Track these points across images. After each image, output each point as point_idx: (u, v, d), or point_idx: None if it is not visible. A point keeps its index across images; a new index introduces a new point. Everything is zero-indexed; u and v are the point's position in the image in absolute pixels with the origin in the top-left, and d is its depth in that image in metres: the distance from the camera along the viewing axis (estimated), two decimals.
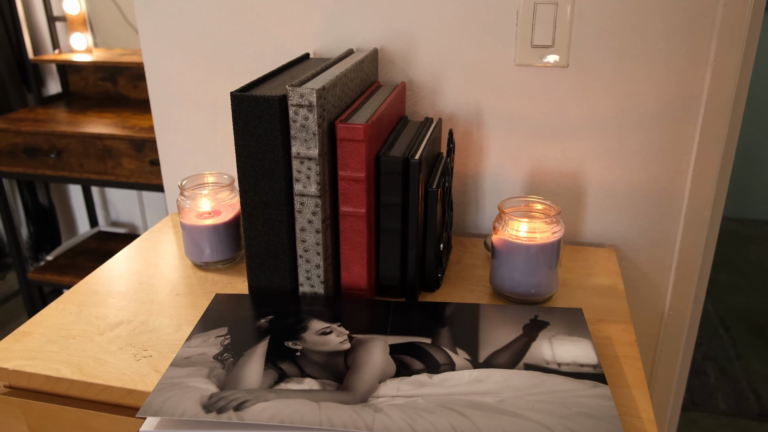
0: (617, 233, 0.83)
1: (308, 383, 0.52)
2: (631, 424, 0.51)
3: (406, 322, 0.62)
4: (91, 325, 0.66)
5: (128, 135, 1.51)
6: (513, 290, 0.67)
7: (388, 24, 0.79)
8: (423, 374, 0.53)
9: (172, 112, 0.90)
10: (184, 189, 0.75)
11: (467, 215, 0.86)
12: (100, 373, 0.58)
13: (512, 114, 0.79)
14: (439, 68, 0.79)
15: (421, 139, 0.69)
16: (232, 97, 0.59)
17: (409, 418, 0.48)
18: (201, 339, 0.59)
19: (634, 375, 0.57)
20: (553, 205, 0.68)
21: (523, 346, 0.57)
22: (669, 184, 0.79)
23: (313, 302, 0.65)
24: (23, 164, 1.63)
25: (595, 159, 0.80)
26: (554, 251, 0.66)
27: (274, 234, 0.64)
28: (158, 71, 0.88)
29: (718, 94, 0.74)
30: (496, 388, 0.51)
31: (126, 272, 0.76)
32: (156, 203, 2.00)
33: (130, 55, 1.75)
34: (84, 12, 1.77)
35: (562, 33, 0.74)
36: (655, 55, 0.73)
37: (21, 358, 0.60)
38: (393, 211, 0.65)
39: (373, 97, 0.71)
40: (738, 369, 1.74)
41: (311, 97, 0.57)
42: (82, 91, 1.90)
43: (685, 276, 0.84)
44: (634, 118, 0.77)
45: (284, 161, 0.61)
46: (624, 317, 0.66)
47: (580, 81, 0.76)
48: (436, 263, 0.69)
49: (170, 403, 0.50)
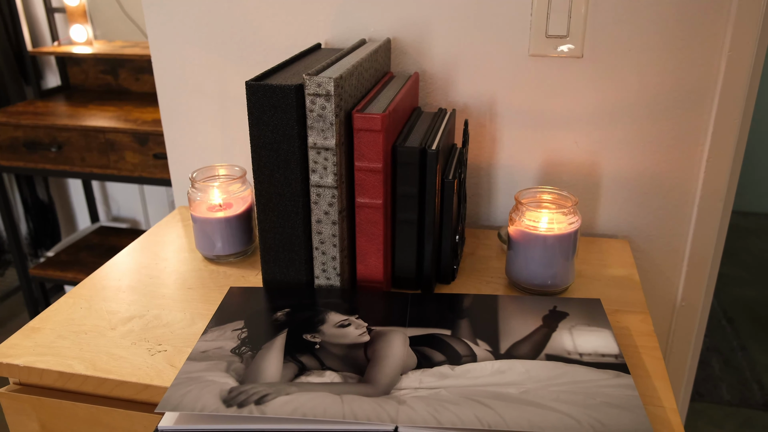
0: (631, 224, 0.82)
1: (329, 376, 0.51)
2: (654, 414, 0.51)
3: (425, 313, 0.61)
4: (102, 319, 0.65)
5: (131, 128, 1.49)
6: (530, 281, 0.67)
7: (400, 14, 0.77)
8: (445, 366, 0.53)
9: (180, 104, 0.89)
10: (195, 181, 0.74)
11: (480, 207, 0.86)
12: (114, 368, 0.57)
13: (526, 105, 0.79)
14: (452, 58, 0.78)
15: (437, 129, 0.68)
16: (247, 87, 0.58)
17: (434, 410, 0.47)
18: (217, 333, 0.59)
19: (655, 365, 0.57)
20: (570, 196, 0.67)
21: (544, 337, 0.57)
22: (682, 174, 0.79)
23: (329, 295, 0.64)
24: (24, 158, 1.61)
25: (608, 150, 0.79)
26: (571, 242, 0.66)
27: (289, 226, 0.63)
28: (165, 61, 0.87)
29: (732, 85, 0.73)
30: (519, 379, 0.51)
31: (135, 266, 0.76)
32: (158, 197, 1.98)
33: (131, 48, 1.73)
34: (84, 3, 1.75)
35: (577, 23, 0.73)
36: (670, 45, 0.73)
37: (32, 354, 0.59)
38: (409, 202, 0.64)
39: (387, 87, 0.70)
40: (742, 360, 1.75)
41: (329, 86, 0.56)
42: (82, 84, 1.88)
43: (698, 267, 0.83)
44: (648, 108, 0.76)
45: (300, 152, 0.60)
46: (641, 308, 0.66)
47: (595, 71, 0.75)
48: (452, 255, 0.68)
49: (189, 398, 0.49)
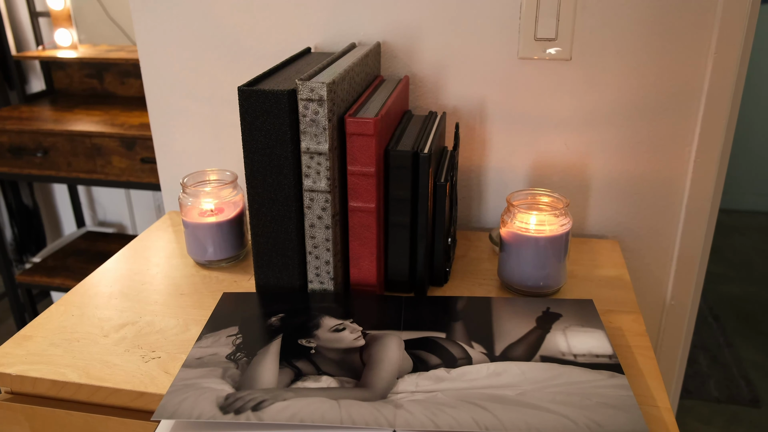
0: (620, 225, 0.83)
1: (325, 381, 0.51)
2: (648, 413, 0.52)
3: (419, 317, 0.61)
4: (95, 327, 0.64)
5: (118, 133, 1.48)
6: (522, 283, 0.67)
7: (390, 18, 0.78)
8: (440, 369, 0.53)
9: (169, 108, 0.89)
10: (186, 186, 0.73)
11: (471, 209, 0.86)
12: (107, 376, 0.57)
13: (515, 107, 0.79)
14: (442, 62, 0.79)
15: (428, 133, 0.68)
16: (239, 92, 0.58)
17: (431, 413, 0.47)
18: (212, 339, 0.58)
19: (648, 365, 0.58)
20: (561, 198, 0.68)
21: (538, 338, 0.57)
22: (671, 175, 0.80)
23: (323, 299, 0.64)
24: (8, 164, 1.59)
25: (598, 151, 0.80)
26: (563, 243, 0.66)
27: (282, 231, 0.63)
28: (154, 66, 0.87)
29: (719, 86, 0.74)
30: (515, 381, 0.51)
31: (127, 272, 0.75)
32: (145, 202, 1.96)
33: (117, 52, 1.72)
34: (68, 7, 1.73)
35: (566, 26, 0.74)
36: (657, 48, 0.74)
37: (24, 362, 0.59)
38: (402, 205, 0.64)
39: (378, 91, 0.71)
40: (728, 356, 1.77)
41: (321, 92, 0.56)
42: (67, 89, 1.86)
43: (686, 266, 0.85)
44: (637, 110, 0.77)
45: (293, 156, 0.60)
46: (633, 308, 0.67)
47: (584, 74, 0.76)
48: (444, 257, 0.68)
49: (186, 405, 0.49)
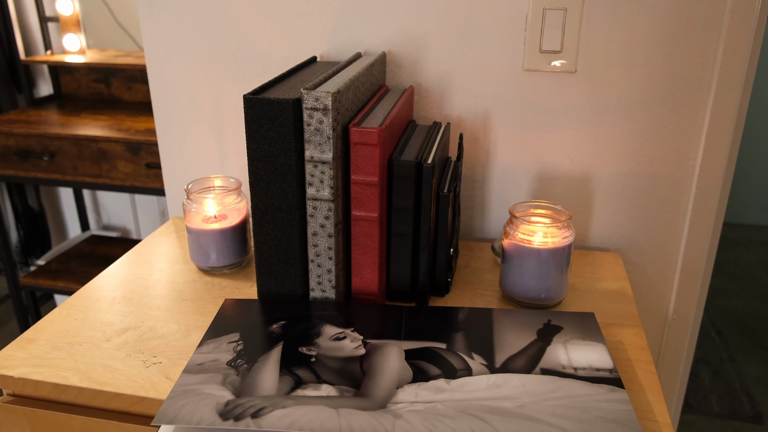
0: (623, 237, 0.83)
1: (325, 389, 0.51)
2: (648, 428, 0.51)
3: (420, 327, 0.61)
4: (97, 331, 0.65)
5: (124, 137, 1.49)
6: (524, 295, 0.67)
7: (396, 28, 0.78)
8: (440, 380, 0.53)
9: (175, 115, 0.89)
10: (190, 192, 0.74)
11: (474, 219, 0.86)
12: (109, 380, 0.57)
13: (519, 119, 0.80)
14: (447, 72, 0.79)
15: (432, 143, 0.69)
16: (245, 100, 0.58)
17: (430, 424, 0.47)
18: (213, 345, 0.58)
19: (648, 379, 0.57)
20: (564, 210, 0.68)
21: (539, 351, 0.57)
22: (674, 188, 0.80)
23: (324, 307, 0.64)
24: (15, 167, 1.60)
25: (601, 164, 0.80)
26: (565, 256, 0.66)
27: (285, 238, 0.63)
28: (161, 72, 0.87)
29: (724, 100, 0.74)
30: (514, 393, 0.51)
31: (130, 277, 0.75)
32: (149, 207, 1.97)
33: (124, 57, 1.73)
34: (77, 12, 1.75)
35: (571, 38, 0.74)
36: (662, 61, 0.74)
37: (26, 365, 0.59)
38: (405, 215, 0.64)
39: (382, 101, 0.71)
40: (731, 371, 1.76)
41: (326, 101, 0.56)
42: (75, 93, 1.88)
43: (689, 280, 0.84)
44: (640, 123, 0.77)
45: (297, 165, 0.60)
46: (634, 321, 0.67)
47: (588, 86, 0.76)
48: (446, 268, 0.69)
49: (186, 411, 0.49)
